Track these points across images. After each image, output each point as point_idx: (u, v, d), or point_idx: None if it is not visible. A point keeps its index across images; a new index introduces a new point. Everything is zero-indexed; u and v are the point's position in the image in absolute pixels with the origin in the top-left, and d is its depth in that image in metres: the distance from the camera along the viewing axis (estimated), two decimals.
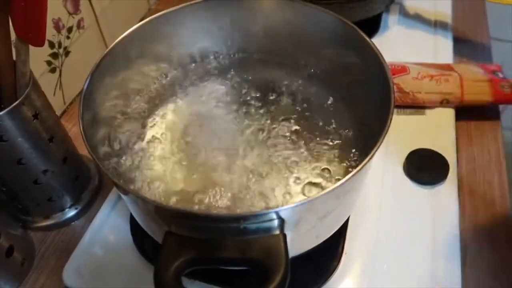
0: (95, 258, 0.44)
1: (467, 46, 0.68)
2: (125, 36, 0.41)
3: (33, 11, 0.35)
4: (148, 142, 0.43)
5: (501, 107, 0.59)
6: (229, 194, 0.38)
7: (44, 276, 0.46)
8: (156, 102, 0.46)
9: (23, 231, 0.48)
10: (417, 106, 0.57)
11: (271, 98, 0.46)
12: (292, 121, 0.44)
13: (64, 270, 0.43)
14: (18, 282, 0.45)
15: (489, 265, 0.44)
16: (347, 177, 0.28)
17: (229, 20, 0.45)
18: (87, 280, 0.43)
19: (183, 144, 0.43)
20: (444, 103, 0.56)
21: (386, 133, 0.31)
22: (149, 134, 0.44)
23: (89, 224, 0.47)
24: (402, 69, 0.58)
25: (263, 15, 0.45)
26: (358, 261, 0.42)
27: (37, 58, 0.54)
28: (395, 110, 0.56)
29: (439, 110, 0.56)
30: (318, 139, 0.42)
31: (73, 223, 0.50)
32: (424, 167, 0.49)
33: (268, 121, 0.44)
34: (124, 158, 0.41)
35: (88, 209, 0.51)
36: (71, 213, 0.50)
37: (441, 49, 0.65)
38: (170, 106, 0.46)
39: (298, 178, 0.39)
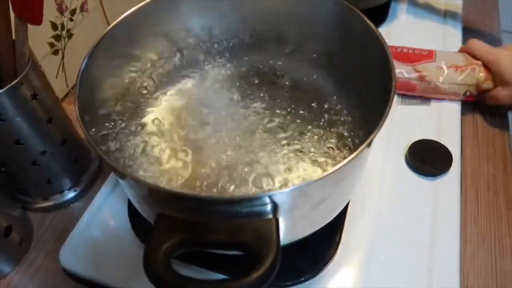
0: (92, 240, 0.44)
1: (477, 37, 0.66)
2: (125, 17, 0.40)
3: None
4: (147, 126, 0.43)
5: None
6: (228, 177, 0.38)
7: (42, 257, 0.46)
8: (155, 85, 0.46)
9: (22, 211, 0.48)
10: (437, 98, 0.55)
11: (270, 83, 0.45)
12: (293, 106, 0.43)
13: (60, 251, 0.43)
14: (16, 262, 0.45)
15: (489, 259, 0.43)
16: (341, 163, 0.28)
17: (229, 4, 0.45)
18: (84, 262, 0.43)
19: (182, 129, 0.42)
20: (467, 95, 0.54)
21: (384, 121, 0.30)
22: (148, 117, 0.44)
23: (88, 206, 0.47)
24: (429, 55, 0.55)
25: None
26: (355, 251, 0.42)
27: (39, 40, 0.54)
28: (400, 99, 0.56)
29: (446, 101, 0.55)
30: (319, 125, 0.42)
31: (72, 205, 0.50)
32: (426, 158, 0.48)
33: (268, 106, 0.43)
34: (122, 141, 0.41)
35: (87, 192, 0.51)
36: (70, 195, 0.50)
37: (449, 40, 0.64)
38: (169, 90, 0.46)
39: (298, 160, 0.39)
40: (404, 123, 0.53)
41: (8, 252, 0.45)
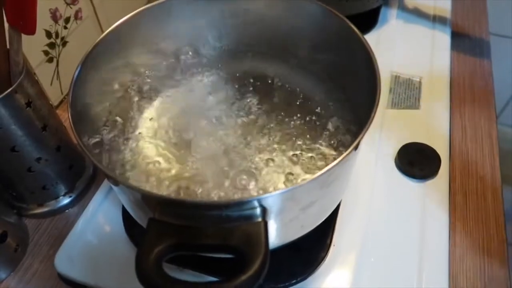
0: (87, 245, 0.45)
1: (466, 41, 0.68)
2: (118, 25, 0.41)
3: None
4: (141, 132, 0.43)
5: (500, 105, 0.59)
6: (219, 182, 0.39)
7: (38, 263, 0.46)
8: (149, 91, 0.46)
9: (17, 218, 0.49)
10: None
11: (260, 88, 0.46)
12: (283, 110, 0.44)
13: (56, 256, 0.44)
14: (11, 268, 0.46)
15: (478, 260, 0.44)
16: (328, 167, 0.28)
17: (219, 12, 0.46)
18: (79, 267, 0.43)
19: (175, 135, 0.43)
20: None
21: (369, 126, 0.31)
22: (141, 124, 0.44)
23: (83, 212, 0.48)
24: None
25: (253, 5, 0.45)
26: (346, 253, 0.43)
27: (34, 48, 0.55)
28: (390, 104, 0.57)
29: (434, 105, 0.56)
30: (309, 128, 0.42)
31: (67, 211, 0.51)
32: (415, 161, 0.49)
33: (259, 111, 0.44)
34: (115, 148, 0.42)
35: (82, 197, 0.51)
36: (65, 201, 0.50)
37: (438, 44, 0.65)
38: (163, 96, 0.46)
39: (289, 163, 0.40)
40: (394, 126, 0.54)
41: (4, 258, 0.45)
